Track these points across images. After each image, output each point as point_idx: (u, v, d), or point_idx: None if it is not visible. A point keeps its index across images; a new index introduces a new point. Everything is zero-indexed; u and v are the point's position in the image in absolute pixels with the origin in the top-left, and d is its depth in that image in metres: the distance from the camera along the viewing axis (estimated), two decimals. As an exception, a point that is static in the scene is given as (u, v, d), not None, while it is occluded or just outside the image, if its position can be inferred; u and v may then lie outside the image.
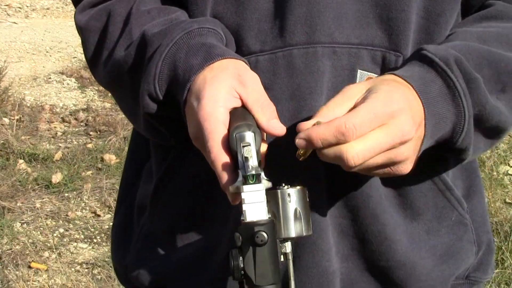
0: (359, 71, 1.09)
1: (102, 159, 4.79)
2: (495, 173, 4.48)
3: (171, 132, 1.11)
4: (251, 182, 0.88)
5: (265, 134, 1.00)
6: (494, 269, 1.32)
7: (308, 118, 1.06)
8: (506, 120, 1.09)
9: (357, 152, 0.92)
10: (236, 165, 0.92)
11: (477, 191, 1.26)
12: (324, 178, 1.10)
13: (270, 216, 0.90)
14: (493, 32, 1.13)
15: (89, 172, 4.63)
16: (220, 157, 0.94)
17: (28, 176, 4.51)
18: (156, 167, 1.22)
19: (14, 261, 3.62)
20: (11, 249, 3.76)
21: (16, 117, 5.26)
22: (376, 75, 1.10)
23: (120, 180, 1.37)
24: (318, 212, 1.10)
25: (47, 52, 6.90)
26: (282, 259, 0.94)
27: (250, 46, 1.09)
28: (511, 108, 1.10)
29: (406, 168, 0.99)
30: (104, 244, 3.89)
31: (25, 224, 4.04)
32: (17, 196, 4.30)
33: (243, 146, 0.90)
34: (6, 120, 5.26)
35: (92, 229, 4.03)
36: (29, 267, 3.64)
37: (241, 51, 1.10)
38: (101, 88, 5.76)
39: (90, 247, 3.88)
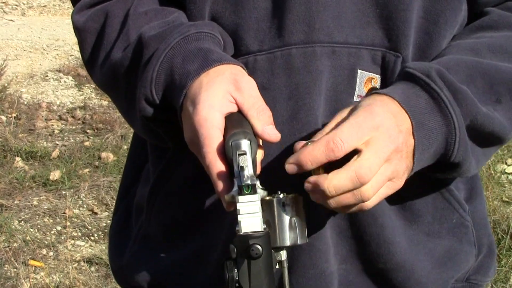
0: (359, 71, 1.09)
1: (99, 157, 4.77)
2: (492, 172, 4.48)
3: (168, 134, 1.10)
4: (246, 192, 0.88)
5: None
6: (495, 271, 1.31)
7: (307, 117, 1.06)
8: (505, 130, 1.09)
9: (372, 187, 0.94)
10: (231, 172, 0.92)
11: (478, 193, 1.25)
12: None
13: (265, 227, 0.89)
14: (486, 42, 1.12)
15: (86, 170, 4.62)
16: (215, 163, 0.93)
17: (25, 174, 4.51)
18: (153, 168, 1.22)
19: (12, 259, 3.61)
20: (8, 246, 3.75)
21: (13, 115, 5.25)
22: (377, 75, 1.09)
23: (117, 178, 1.37)
24: (317, 214, 1.09)
25: (44, 50, 6.88)
26: (277, 267, 0.93)
27: (249, 46, 1.09)
28: (510, 118, 1.09)
29: (401, 182, 1.00)
30: (101, 241, 3.89)
31: (22, 221, 4.03)
32: (15, 194, 4.30)
33: (239, 155, 0.89)
34: (3, 118, 5.25)
35: (90, 227, 4.02)
36: (27, 264, 3.63)
37: (240, 50, 1.09)
38: (98, 86, 5.74)
39: (88, 245, 3.87)
